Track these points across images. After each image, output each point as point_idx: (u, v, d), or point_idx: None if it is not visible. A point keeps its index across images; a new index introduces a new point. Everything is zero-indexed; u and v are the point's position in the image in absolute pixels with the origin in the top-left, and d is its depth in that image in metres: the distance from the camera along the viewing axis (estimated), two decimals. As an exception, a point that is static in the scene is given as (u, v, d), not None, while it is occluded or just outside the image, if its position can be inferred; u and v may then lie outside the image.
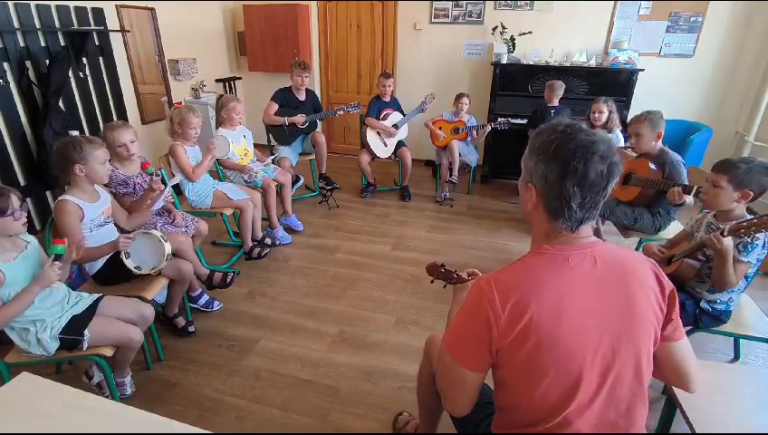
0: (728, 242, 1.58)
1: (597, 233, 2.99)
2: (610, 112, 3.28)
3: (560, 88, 3.81)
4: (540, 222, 0.95)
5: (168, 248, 1.92)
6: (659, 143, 2.49)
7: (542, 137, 0.90)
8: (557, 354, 0.85)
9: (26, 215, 1.57)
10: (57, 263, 1.54)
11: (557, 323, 0.85)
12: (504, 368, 0.92)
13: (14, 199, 1.51)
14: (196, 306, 2.49)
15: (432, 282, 1.44)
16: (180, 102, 4.53)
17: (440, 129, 4.18)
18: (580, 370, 0.86)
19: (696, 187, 2.19)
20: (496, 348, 0.89)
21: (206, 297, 2.52)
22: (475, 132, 4.15)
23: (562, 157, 0.85)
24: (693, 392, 1.01)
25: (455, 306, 1.27)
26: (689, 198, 2.27)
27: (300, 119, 3.78)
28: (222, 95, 3.48)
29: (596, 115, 3.30)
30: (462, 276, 1.33)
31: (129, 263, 1.90)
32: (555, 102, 3.84)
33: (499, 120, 4.04)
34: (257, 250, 3.04)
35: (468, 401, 0.97)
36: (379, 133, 4.13)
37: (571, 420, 0.89)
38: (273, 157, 3.71)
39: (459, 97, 4.15)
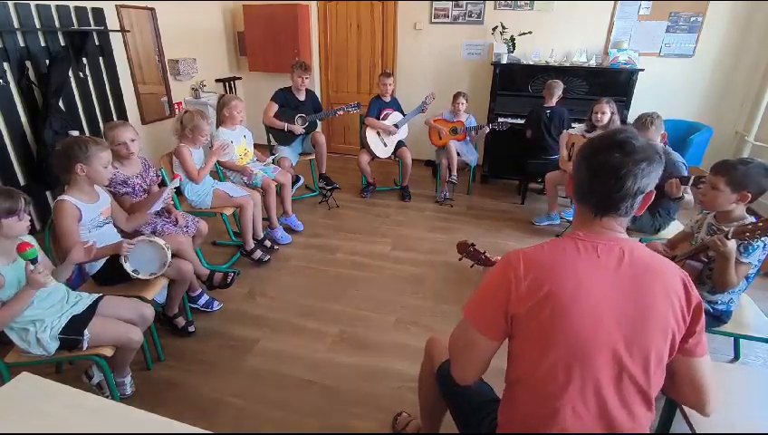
0: (732, 244, 1.58)
1: None
2: (612, 113, 3.28)
3: (556, 88, 3.80)
4: (576, 205, 1.01)
5: (168, 257, 1.93)
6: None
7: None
8: (567, 332, 0.87)
9: (29, 217, 1.57)
10: (38, 266, 1.48)
11: (573, 302, 0.87)
12: (517, 338, 0.94)
13: (22, 201, 1.52)
14: (196, 306, 2.49)
15: (460, 259, 1.45)
16: (180, 103, 4.54)
17: (439, 132, 4.19)
18: (587, 354, 0.88)
19: (693, 176, 2.19)
20: (512, 314, 0.92)
21: (206, 297, 2.52)
22: (474, 132, 4.16)
23: (592, 146, 0.95)
24: (708, 415, 0.99)
25: None
26: (688, 195, 2.27)
27: (298, 129, 3.79)
28: (223, 94, 3.48)
29: (598, 116, 3.29)
30: (490, 259, 1.35)
31: (128, 266, 1.90)
32: (552, 103, 3.84)
33: (499, 120, 4.04)
34: (259, 253, 3.03)
35: (475, 369, 1.01)
36: (378, 133, 4.13)
37: (572, 403, 0.89)
38: (273, 157, 3.71)
39: (456, 96, 4.15)
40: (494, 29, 4.49)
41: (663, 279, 0.91)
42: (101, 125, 3.67)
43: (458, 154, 4.13)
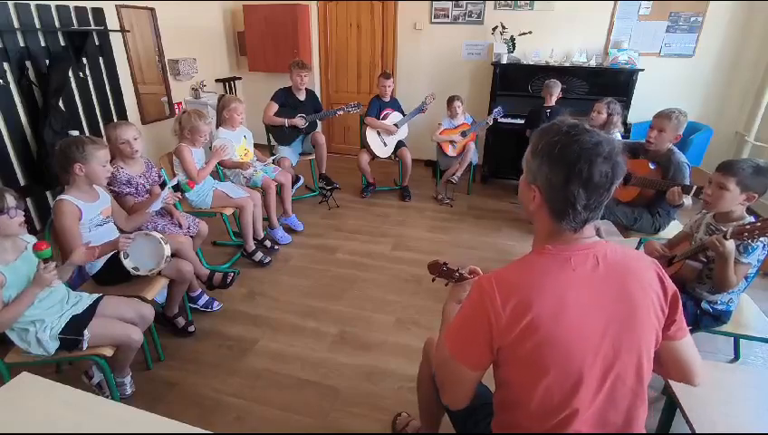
0: (730, 245, 1.58)
1: (597, 232, 2.98)
2: (610, 115, 3.27)
3: (555, 87, 3.81)
4: (543, 222, 0.94)
5: (167, 251, 1.91)
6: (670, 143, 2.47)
7: (546, 138, 0.88)
8: (557, 354, 0.86)
9: (24, 214, 1.56)
10: (50, 264, 1.52)
11: (558, 323, 0.85)
12: (505, 366, 0.92)
13: (10, 199, 1.50)
14: (196, 307, 2.49)
15: (433, 280, 1.43)
16: (180, 103, 4.54)
17: (451, 142, 4.14)
18: (580, 370, 0.86)
19: (695, 187, 2.18)
20: (497, 347, 0.89)
21: (205, 297, 2.52)
22: (478, 129, 4.15)
23: (567, 159, 0.84)
24: (697, 386, 1.02)
25: (450, 304, 1.26)
26: (687, 200, 2.26)
27: (299, 121, 3.78)
28: (224, 95, 3.48)
29: (594, 115, 3.31)
30: (464, 275, 1.32)
31: (128, 263, 1.89)
32: (552, 102, 3.84)
33: (494, 110, 4.03)
34: (260, 255, 3.03)
35: (465, 395, 0.98)
36: (378, 133, 4.13)
37: (571, 420, 0.89)
38: (273, 157, 3.71)
39: (451, 101, 4.11)
40: (494, 29, 4.49)
41: (639, 278, 0.91)
42: (101, 125, 3.67)
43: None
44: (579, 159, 0.83)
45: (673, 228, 2.58)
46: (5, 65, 2.93)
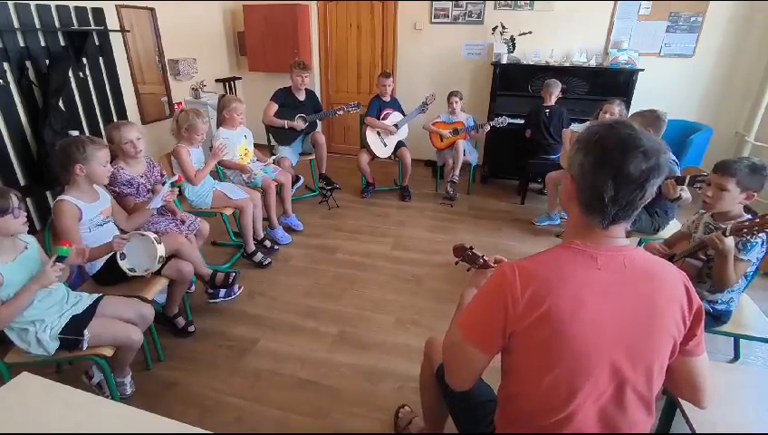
0: (730, 242, 1.59)
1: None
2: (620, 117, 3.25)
3: (555, 86, 3.81)
4: (574, 215, 0.94)
5: (161, 250, 1.89)
6: None
7: (590, 130, 0.90)
8: (569, 348, 0.85)
9: (26, 214, 1.56)
10: (59, 264, 1.55)
11: (574, 318, 0.85)
12: (515, 354, 0.92)
13: (14, 199, 1.51)
14: (217, 300, 2.55)
15: (456, 263, 1.42)
16: (180, 103, 4.54)
17: (440, 135, 4.18)
18: (589, 368, 0.86)
19: (688, 176, 2.19)
20: (510, 332, 0.89)
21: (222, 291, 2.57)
22: (474, 131, 4.16)
23: (602, 147, 0.84)
24: (705, 408, 1.00)
25: (468, 289, 1.25)
26: (686, 193, 2.27)
27: (300, 124, 3.79)
28: (224, 95, 3.48)
29: (606, 115, 3.28)
30: (488, 262, 1.31)
31: (124, 265, 1.89)
32: (551, 102, 3.84)
33: (497, 118, 4.04)
34: (260, 256, 3.03)
35: (470, 378, 0.99)
36: (378, 133, 4.13)
37: (574, 416, 0.89)
38: (273, 157, 3.71)
39: (450, 96, 4.15)
40: (494, 29, 4.49)
41: (666, 286, 0.90)
42: (101, 125, 3.67)
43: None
44: (613, 149, 0.83)
45: (672, 228, 2.58)
46: (5, 65, 2.93)
